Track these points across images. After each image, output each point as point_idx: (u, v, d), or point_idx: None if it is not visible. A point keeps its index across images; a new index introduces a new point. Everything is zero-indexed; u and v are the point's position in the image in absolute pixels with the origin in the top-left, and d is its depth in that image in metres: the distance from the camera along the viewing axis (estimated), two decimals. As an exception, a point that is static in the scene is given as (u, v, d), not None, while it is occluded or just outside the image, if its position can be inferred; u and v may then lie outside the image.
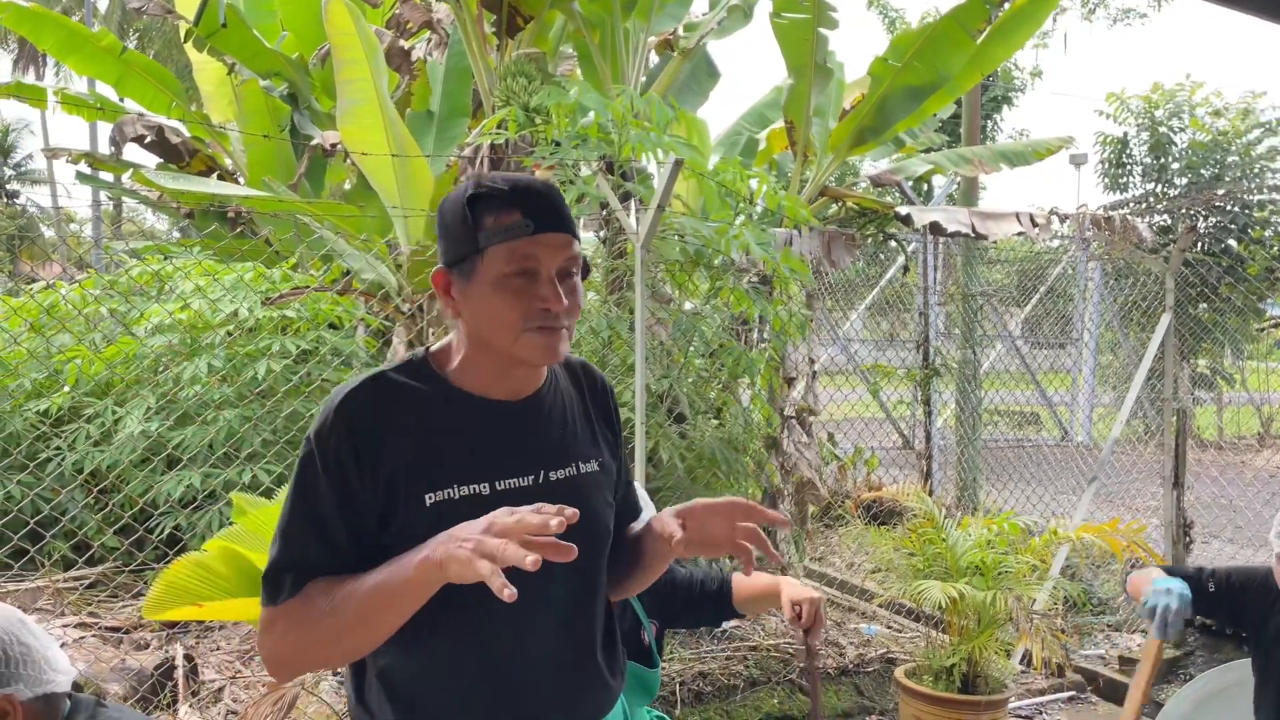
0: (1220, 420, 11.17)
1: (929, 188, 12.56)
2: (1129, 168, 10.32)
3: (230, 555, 2.47)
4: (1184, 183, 10.06)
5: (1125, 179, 10.36)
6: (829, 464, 6.13)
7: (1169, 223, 8.89)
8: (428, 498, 1.28)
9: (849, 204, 6.76)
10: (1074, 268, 9.54)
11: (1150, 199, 10.07)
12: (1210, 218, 9.21)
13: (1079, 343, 10.20)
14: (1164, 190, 10.15)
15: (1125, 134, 10.25)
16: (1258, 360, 11.38)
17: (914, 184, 8.77)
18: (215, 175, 7.89)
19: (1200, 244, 8.84)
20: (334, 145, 6.70)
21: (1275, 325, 9.84)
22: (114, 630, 3.96)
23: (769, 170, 7.16)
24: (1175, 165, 10.08)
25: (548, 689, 1.37)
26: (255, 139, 7.19)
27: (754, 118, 7.98)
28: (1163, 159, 10.09)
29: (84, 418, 4.76)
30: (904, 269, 8.06)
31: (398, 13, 7.18)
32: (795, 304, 4.85)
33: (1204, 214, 9.08)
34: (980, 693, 3.54)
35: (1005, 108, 16.07)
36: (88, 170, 8.84)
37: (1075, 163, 21.96)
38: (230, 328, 4.89)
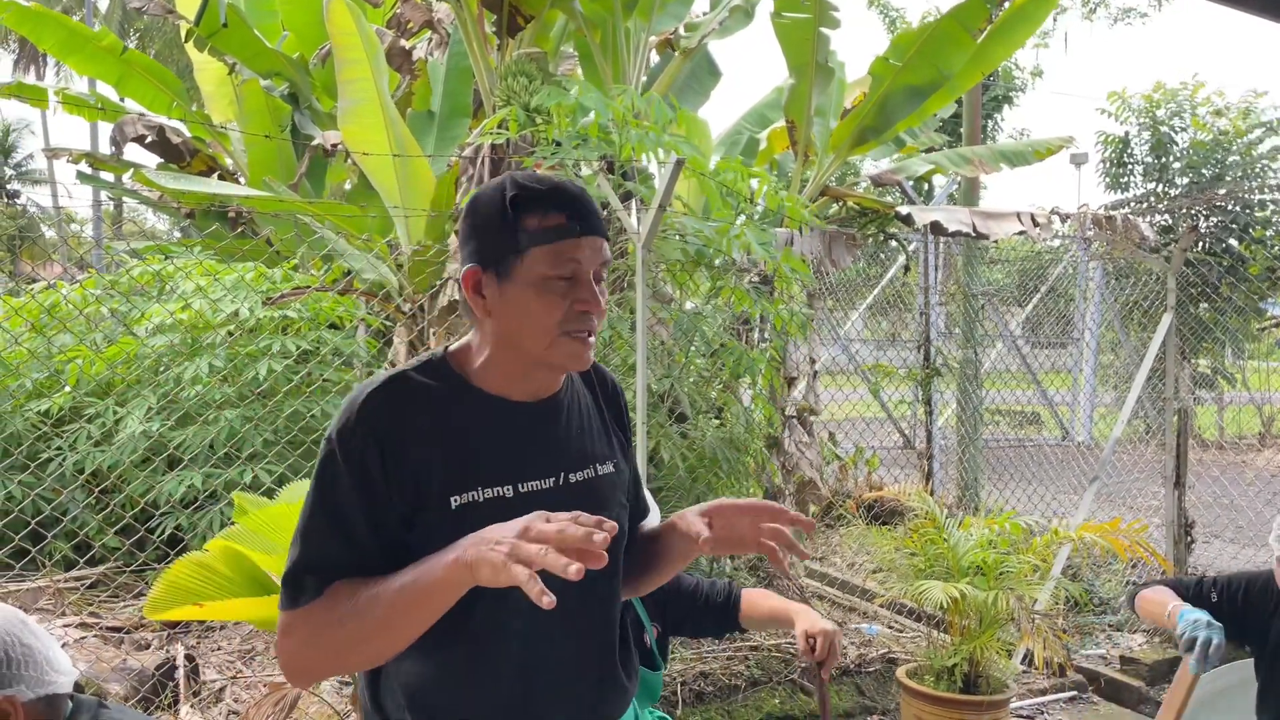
0: (1221, 420, 11.16)
1: (929, 187, 12.55)
2: (1130, 167, 10.31)
3: (231, 555, 2.47)
4: (1185, 182, 10.05)
5: (1126, 178, 10.34)
6: (830, 464, 6.13)
7: (1170, 222, 8.89)
8: (453, 500, 1.26)
9: (850, 204, 6.76)
10: (1075, 267, 9.54)
11: (1151, 199, 10.06)
12: (1211, 217, 9.20)
13: (1080, 342, 10.20)
14: (1165, 190, 10.14)
15: (1127, 133, 10.24)
16: (1259, 360, 11.37)
17: (914, 184, 8.77)
18: (216, 175, 7.89)
19: (1201, 243, 8.83)
20: (335, 145, 6.70)
21: (1276, 325, 9.83)
22: (115, 630, 3.96)
23: (770, 170, 7.15)
24: (1176, 165, 10.07)
25: (569, 693, 1.36)
26: (256, 139, 7.19)
27: (755, 118, 7.98)
28: (1164, 158, 10.08)
29: (85, 418, 4.76)
30: (905, 269, 8.06)
31: (398, 12, 7.18)
32: (796, 304, 4.85)
33: (1205, 214, 9.07)
34: (982, 693, 3.53)
35: (1006, 107, 16.07)
36: (88, 170, 8.84)
37: (1076, 162, 21.97)
38: (231, 328, 4.89)
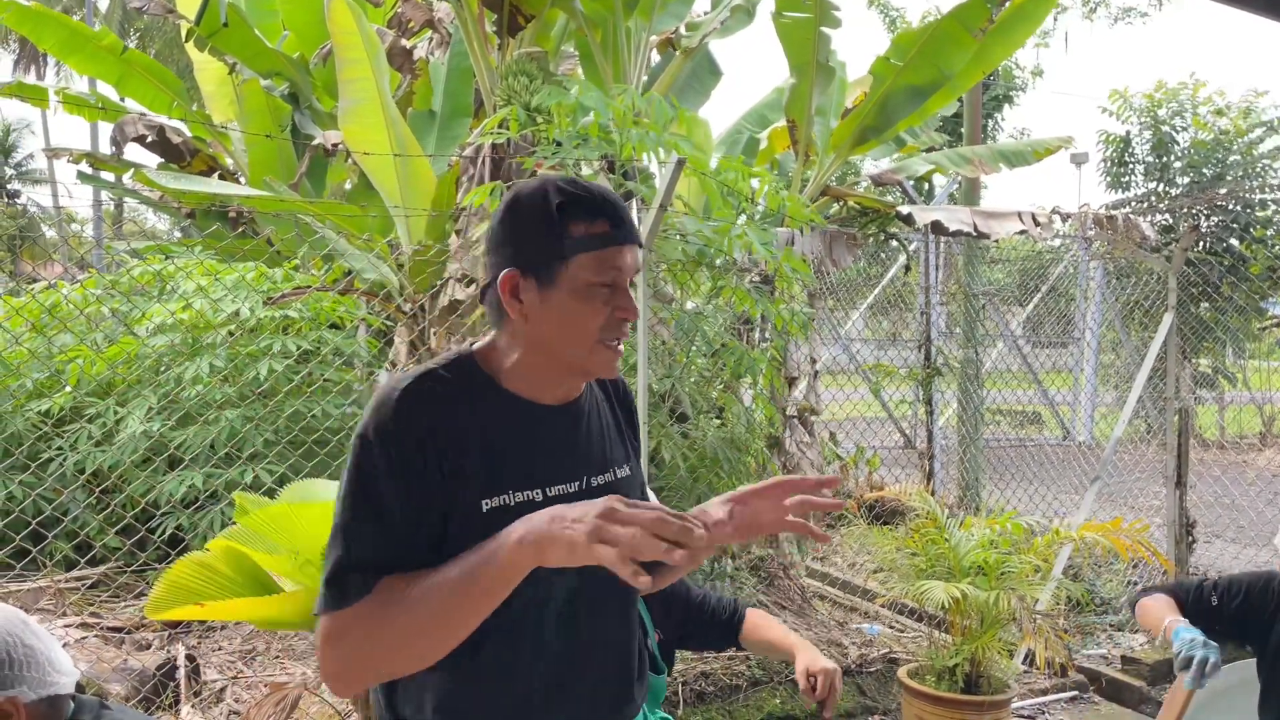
0: (1222, 419, 11.16)
1: (929, 187, 12.55)
2: (1131, 166, 10.31)
3: (233, 555, 2.47)
4: (1186, 182, 10.06)
5: (1128, 178, 10.35)
6: (831, 463, 6.12)
7: (1170, 222, 8.89)
8: (484, 503, 1.24)
9: (850, 203, 6.75)
10: (1075, 267, 9.54)
11: (1152, 198, 10.06)
12: (1212, 217, 9.20)
13: (1080, 342, 10.20)
14: (1166, 189, 10.14)
15: (1128, 132, 10.24)
16: (1259, 359, 11.38)
17: (915, 183, 8.76)
18: (216, 175, 7.89)
19: (1202, 243, 8.83)
20: (335, 145, 6.70)
21: (1277, 324, 9.83)
22: (116, 631, 3.95)
23: (770, 170, 7.15)
24: (1177, 164, 10.08)
25: (595, 697, 1.36)
26: (256, 139, 7.19)
27: (755, 118, 7.98)
28: (1165, 158, 10.08)
29: (86, 418, 4.76)
30: (905, 268, 8.06)
31: (399, 12, 7.18)
32: (798, 303, 4.84)
33: (1206, 213, 9.07)
34: (983, 693, 3.53)
35: (1006, 107, 16.07)
36: (89, 170, 8.83)
37: (1076, 162, 21.99)
38: (232, 328, 4.89)
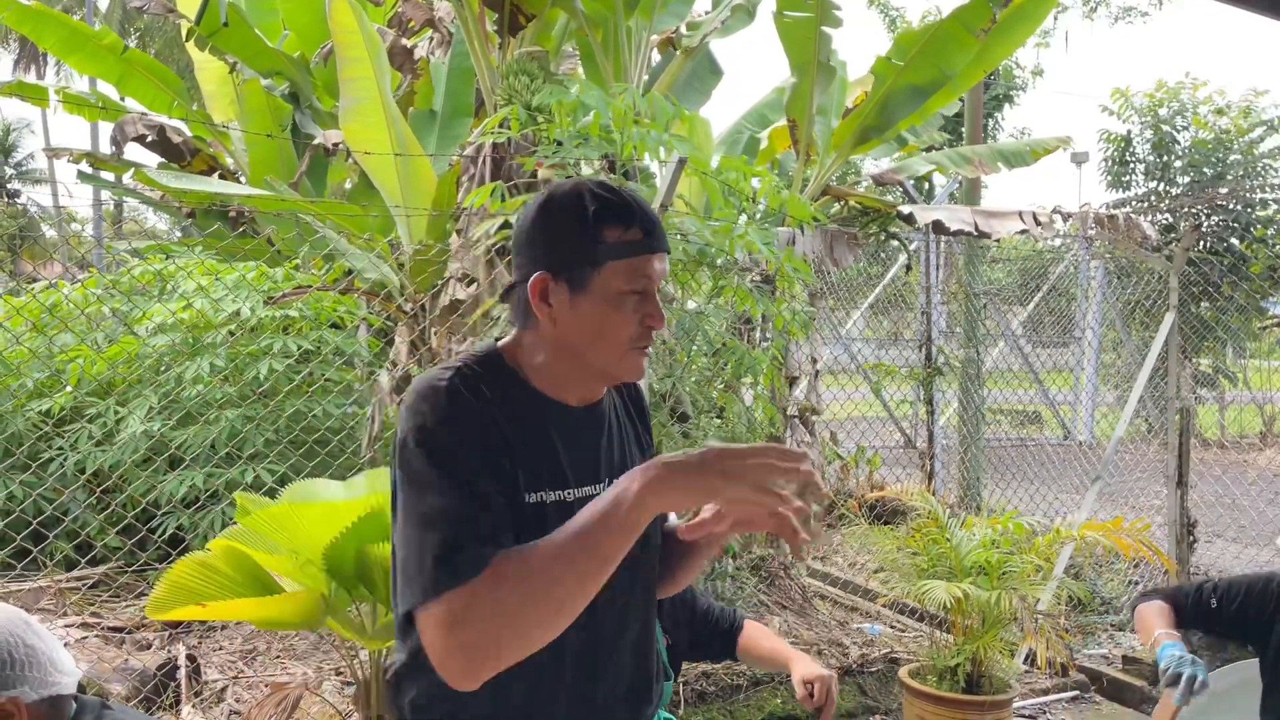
0: (1223, 419, 11.16)
1: (930, 187, 12.55)
2: (1132, 166, 10.31)
3: (234, 555, 2.47)
4: (1186, 181, 10.06)
5: (1129, 177, 10.35)
6: (832, 463, 6.12)
7: (1171, 221, 8.89)
8: (527, 496, 1.24)
9: (851, 203, 6.75)
10: (1076, 266, 9.53)
11: (1153, 197, 10.06)
12: (1213, 216, 9.20)
13: (1081, 341, 10.20)
14: (1166, 189, 10.15)
15: (1129, 132, 10.24)
16: (1260, 359, 11.37)
17: (915, 183, 8.76)
18: (217, 174, 7.89)
19: (1203, 242, 8.83)
20: (336, 144, 6.70)
21: (1277, 324, 9.83)
22: (116, 631, 3.95)
23: (771, 169, 7.15)
24: (1178, 163, 10.08)
25: (615, 697, 1.36)
26: (257, 138, 7.18)
27: (755, 117, 7.98)
28: (1166, 157, 10.08)
29: (86, 417, 4.76)
30: (906, 268, 8.05)
31: (400, 11, 7.17)
32: (798, 303, 4.84)
33: (1207, 212, 9.07)
34: (984, 692, 3.53)
35: (1006, 106, 16.08)
36: (89, 170, 8.83)
37: (1077, 161, 22.00)
38: (232, 327, 4.88)
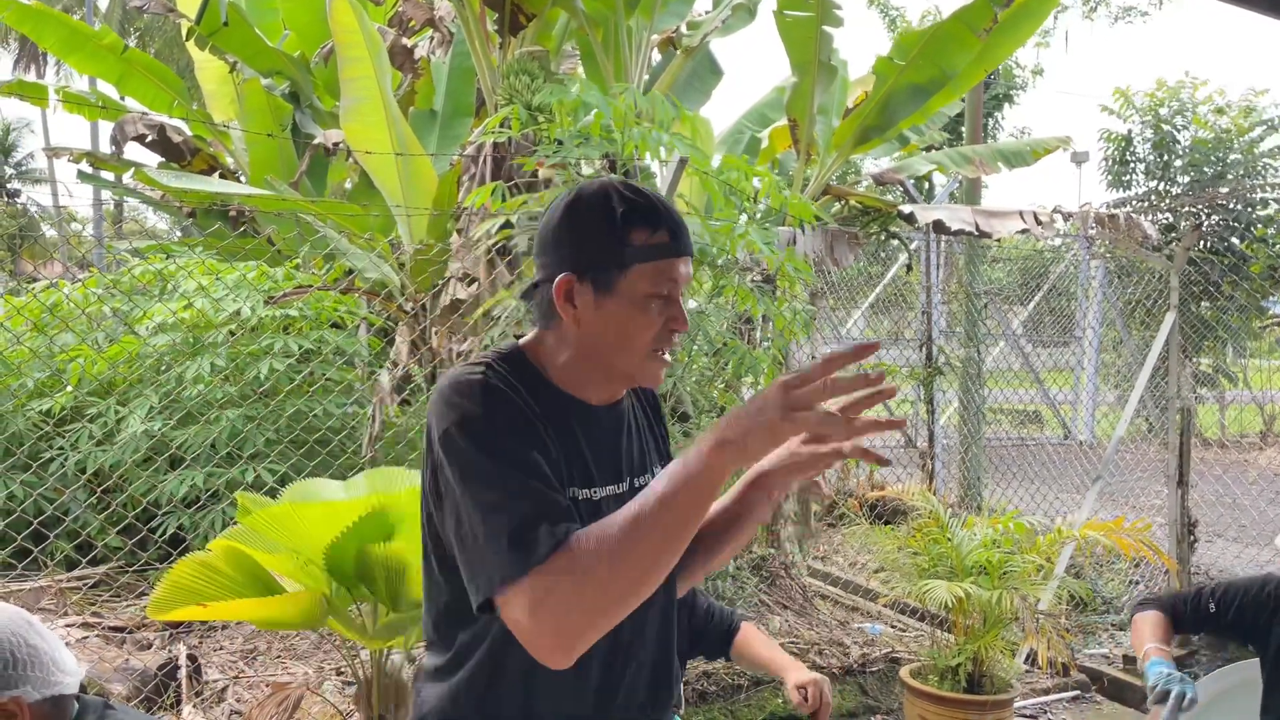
0: (1223, 418, 11.16)
1: (930, 186, 12.55)
2: (1132, 165, 10.31)
3: (234, 555, 2.47)
4: (1187, 180, 10.05)
5: (1129, 176, 10.34)
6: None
7: (1171, 221, 8.88)
8: (567, 491, 1.24)
9: (852, 202, 6.75)
10: (1076, 266, 9.53)
11: (1153, 197, 10.06)
12: (1213, 216, 9.20)
13: (1081, 341, 10.19)
14: (1166, 188, 10.14)
15: (1130, 131, 10.23)
16: (1260, 358, 11.37)
17: (915, 182, 8.77)
18: (217, 174, 7.88)
19: (1203, 242, 8.82)
20: (336, 144, 6.70)
21: (1277, 323, 9.83)
22: (117, 630, 3.95)
23: (772, 169, 7.15)
24: (1178, 163, 10.07)
25: (637, 697, 1.35)
26: (257, 138, 7.18)
27: (756, 117, 7.98)
28: (1166, 156, 10.08)
29: (87, 417, 4.76)
30: (907, 268, 8.05)
31: (400, 10, 7.17)
32: (799, 302, 4.84)
33: (1207, 212, 9.06)
34: (986, 692, 3.53)
35: (1006, 106, 16.08)
36: (89, 169, 8.82)
37: (1077, 161, 22.00)
38: (233, 327, 4.88)
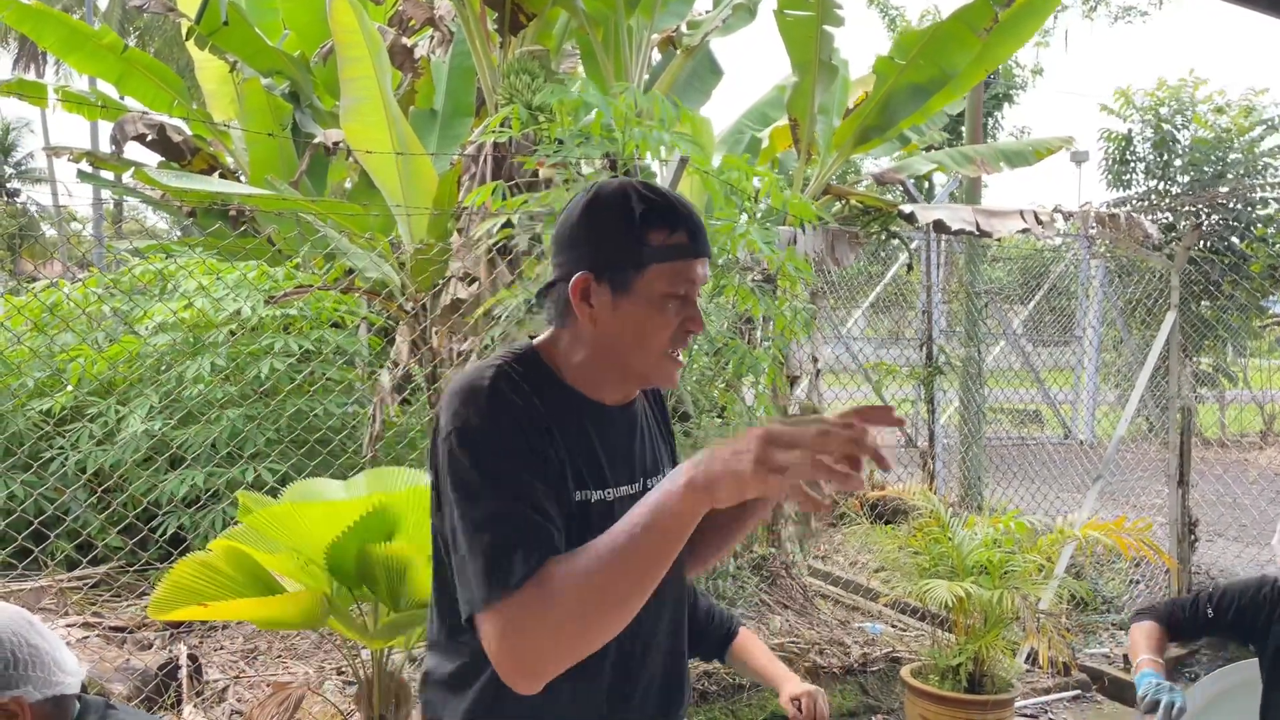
0: (1223, 418, 11.16)
1: (930, 185, 12.55)
2: (1132, 165, 10.31)
3: (235, 555, 2.46)
4: (1187, 180, 10.05)
5: (1129, 176, 10.34)
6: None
7: (1170, 220, 8.89)
8: (576, 494, 1.23)
9: (852, 202, 6.75)
10: (1076, 265, 9.53)
11: (1153, 196, 10.06)
12: (1213, 215, 9.20)
13: (1081, 340, 10.20)
14: (1166, 187, 10.14)
15: (1130, 130, 10.23)
16: (1260, 358, 11.37)
17: (915, 182, 8.77)
18: (217, 174, 7.88)
19: (1204, 241, 8.82)
20: (336, 143, 6.70)
21: (1277, 323, 9.83)
22: (118, 630, 3.95)
23: (772, 168, 7.15)
24: (1178, 162, 10.07)
25: (650, 698, 1.35)
26: (257, 137, 7.18)
27: (756, 116, 7.98)
28: (1166, 155, 10.08)
29: (87, 417, 4.76)
30: (907, 267, 8.06)
31: (400, 9, 7.17)
32: (800, 302, 4.84)
33: (1207, 211, 9.06)
34: (986, 692, 3.53)
35: (1006, 105, 16.08)
36: (89, 169, 8.82)
37: (1077, 160, 22.00)
38: (233, 326, 4.88)
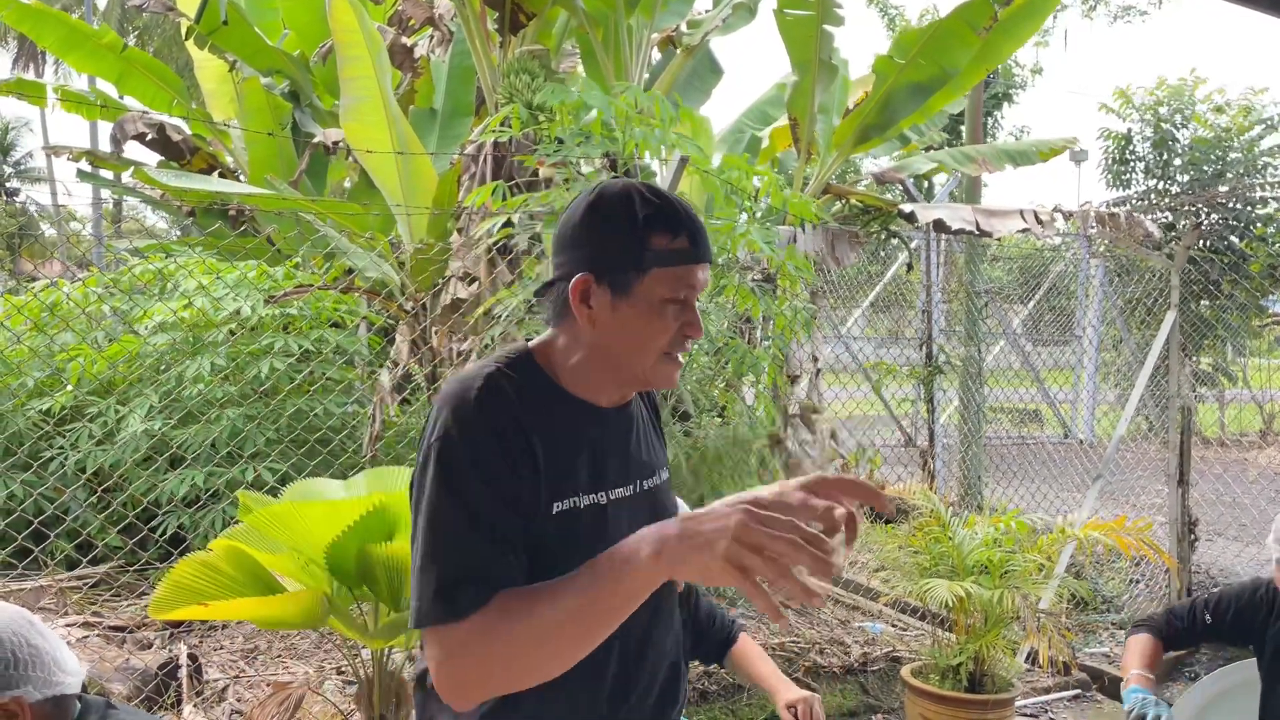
0: (1223, 417, 11.17)
1: (929, 185, 12.55)
2: (1132, 164, 10.31)
3: (236, 554, 2.46)
4: (1186, 179, 10.06)
5: (1128, 175, 10.35)
6: (832, 461, 6.12)
7: (1170, 219, 8.89)
8: (555, 506, 1.23)
9: (852, 201, 6.76)
10: (1076, 265, 9.54)
11: (1153, 196, 10.06)
12: (1213, 215, 9.20)
13: (1081, 339, 10.20)
14: (1166, 186, 10.15)
15: (1129, 130, 10.24)
16: (1259, 357, 11.37)
17: (915, 181, 8.77)
18: (217, 173, 7.88)
19: (1203, 240, 8.82)
20: (336, 143, 6.70)
21: (1277, 322, 9.83)
22: (118, 630, 3.94)
23: (772, 168, 7.15)
24: (1178, 161, 10.08)
25: (648, 697, 1.36)
26: (257, 136, 7.17)
27: (756, 115, 7.98)
28: (1166, 155, 10.09)
29: (87, 416, 4.75)
30: (907, 266, 8.05)
31: (400, 9, 7.17)
32: (800, 301, 4.84)
33: (1206, 211, 9.06)
34: (987, 691, 3.52)
35: (1005, 105, 16.09)
36: (88, 168, 8.82)
37: (1076, 160, 21.98)
38: (233, 326, 4.88)
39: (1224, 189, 9.55)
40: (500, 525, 1.17)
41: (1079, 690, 4.41)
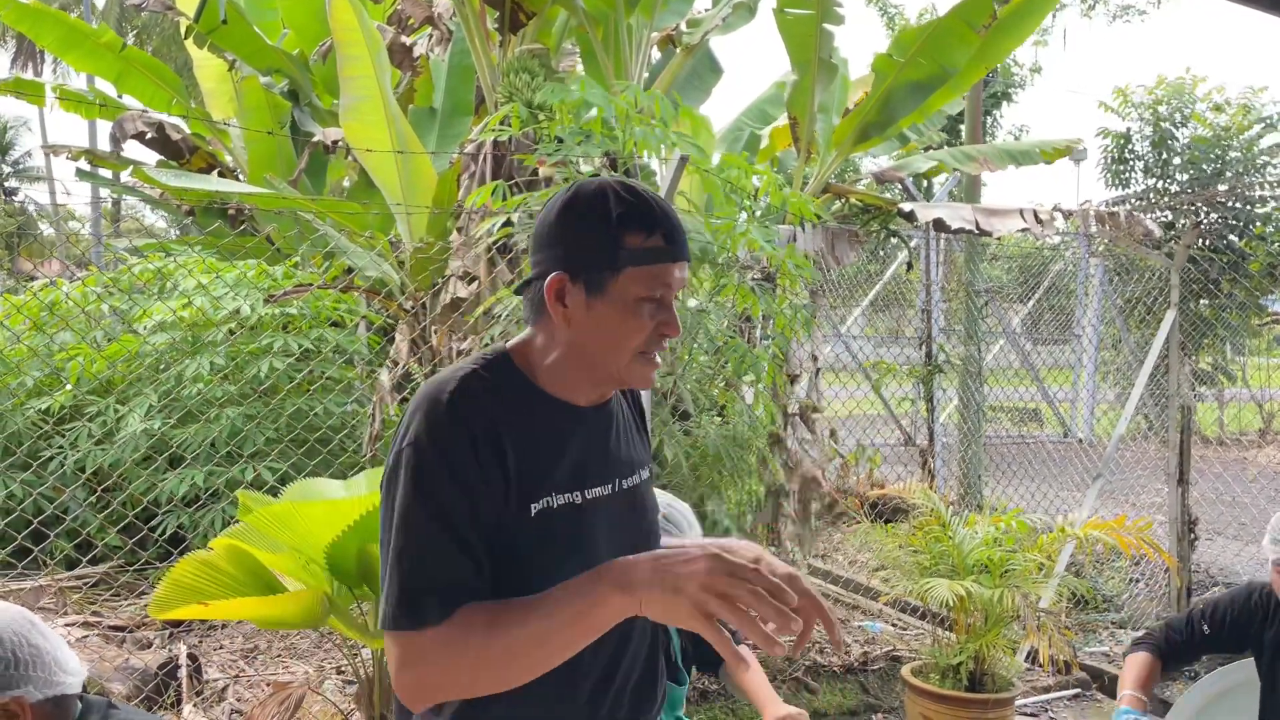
0: (1222, 416, 11.17)
1: (929, 184, 12.55)
2: (1131, 163, 10.31)
3: (236, 553, 2.46)
4: (1185, 178, 10.06)
5: (1128, 174, 10.34)
6: (832, 461, 6.12)
7: (1170, 218, 8.89)
8: (533, 506, 1.22)
9: (852, 200, 6.75)
10: (1076, 264, 9.54)
11: (1151, 195, 10.06)
12: (1212, 214, 9.20)
13: (1081, 338, 10.20)
14: (1165, 185, 10.15)
15: (1129, 129, 10.23)
16: (1259, 356, 11.38)
17: (914, 180, 8.76)
18: (216, 172, 7.87)
19: (1203, 239, 8.82)
20: (335, 142, 6.69)
21: (1276, 321, 9.84)
22: (117, 630, 3.94)
23: (772, 167, 7.14)
24: (1177, 160, 10.07)
25: (625, 694, 1.36)
26: (256, 136, 7.17)
27: (756, 114, 7.97)
28: (1165, 154, 10.08)
29: (86, 416, 4.75)
30: (907, 265, 8.05)
31: (399, 8, 7.16)
32: (799, 300, 4.83)
33: (1206, 210, 9.06)
34: (987, 690, 3.52)
35: (1005, 104, 16.08)
36: (87, 167, 8.80)
37: (1075, 159, 21.97)
38: (232, 325, 4.88)
39: (1223, 188, 9.54)
40: (469, 533, 1.17)
41: (1079, 689, 4.42)
